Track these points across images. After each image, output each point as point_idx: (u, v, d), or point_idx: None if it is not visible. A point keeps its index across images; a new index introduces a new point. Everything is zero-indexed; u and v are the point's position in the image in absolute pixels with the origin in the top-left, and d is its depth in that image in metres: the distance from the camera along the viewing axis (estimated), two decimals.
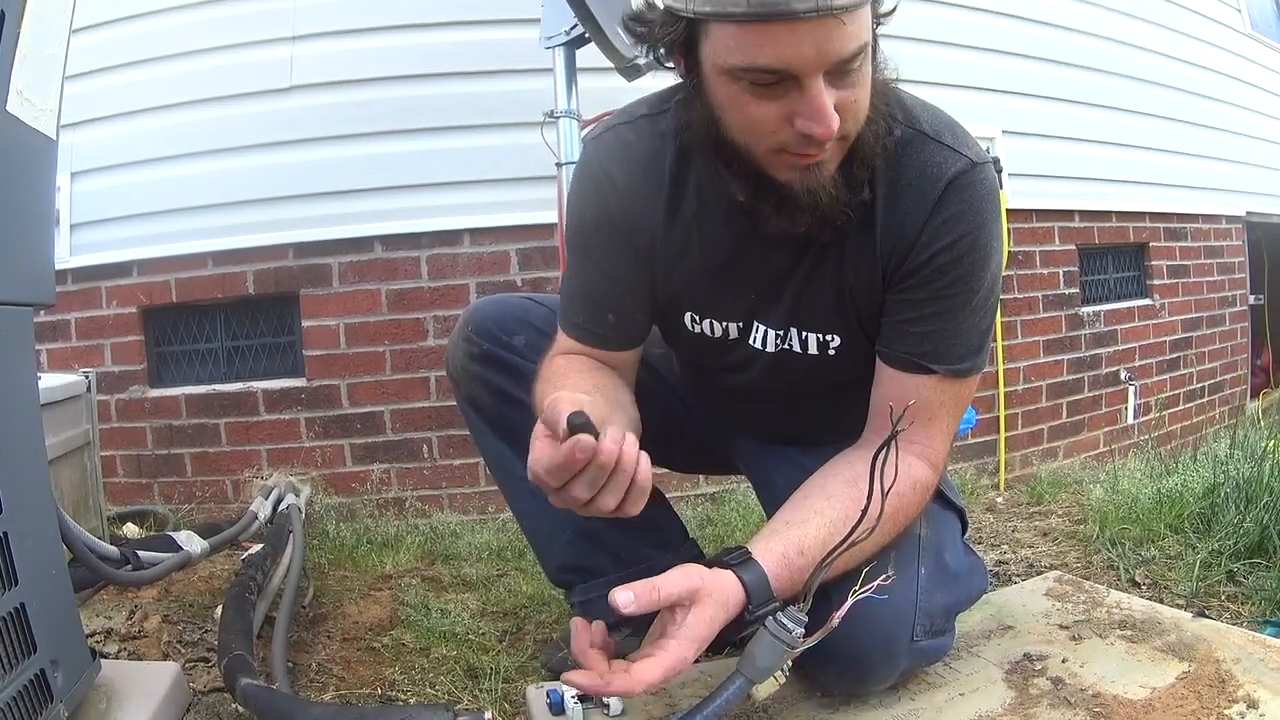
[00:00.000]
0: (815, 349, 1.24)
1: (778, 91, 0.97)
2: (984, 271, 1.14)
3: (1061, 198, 4.00)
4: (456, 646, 1.61)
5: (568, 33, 2.47)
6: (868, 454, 1.06)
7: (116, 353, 3.13)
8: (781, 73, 0.95)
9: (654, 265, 1.26)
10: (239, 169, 3.07)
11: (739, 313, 1.27)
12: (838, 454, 1.21)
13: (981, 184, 1.12)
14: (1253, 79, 5.24)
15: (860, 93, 1.01)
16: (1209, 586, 1.62)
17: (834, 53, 0.94)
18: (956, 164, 1.11)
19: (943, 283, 1.13)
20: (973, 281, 1.14)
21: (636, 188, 1.22)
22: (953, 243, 1.11)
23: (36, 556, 1.03)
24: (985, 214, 1.12)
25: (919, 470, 1.17)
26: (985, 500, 2.75)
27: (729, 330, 1.28)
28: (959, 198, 1.11)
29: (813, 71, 0.95)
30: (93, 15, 3.05)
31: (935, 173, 1.11)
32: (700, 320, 1.29)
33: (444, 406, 3.03)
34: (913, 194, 1.12)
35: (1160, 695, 1.14)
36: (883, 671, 1.18)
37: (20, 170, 1.05)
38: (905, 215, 1.13)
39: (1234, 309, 5.02)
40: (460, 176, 3.07)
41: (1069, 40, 4.06)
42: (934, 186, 1.11)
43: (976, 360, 1.19)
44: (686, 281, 1.26)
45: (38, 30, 1.04)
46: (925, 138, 1.12)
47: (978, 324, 1.17)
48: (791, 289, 1.22)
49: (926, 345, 1.16)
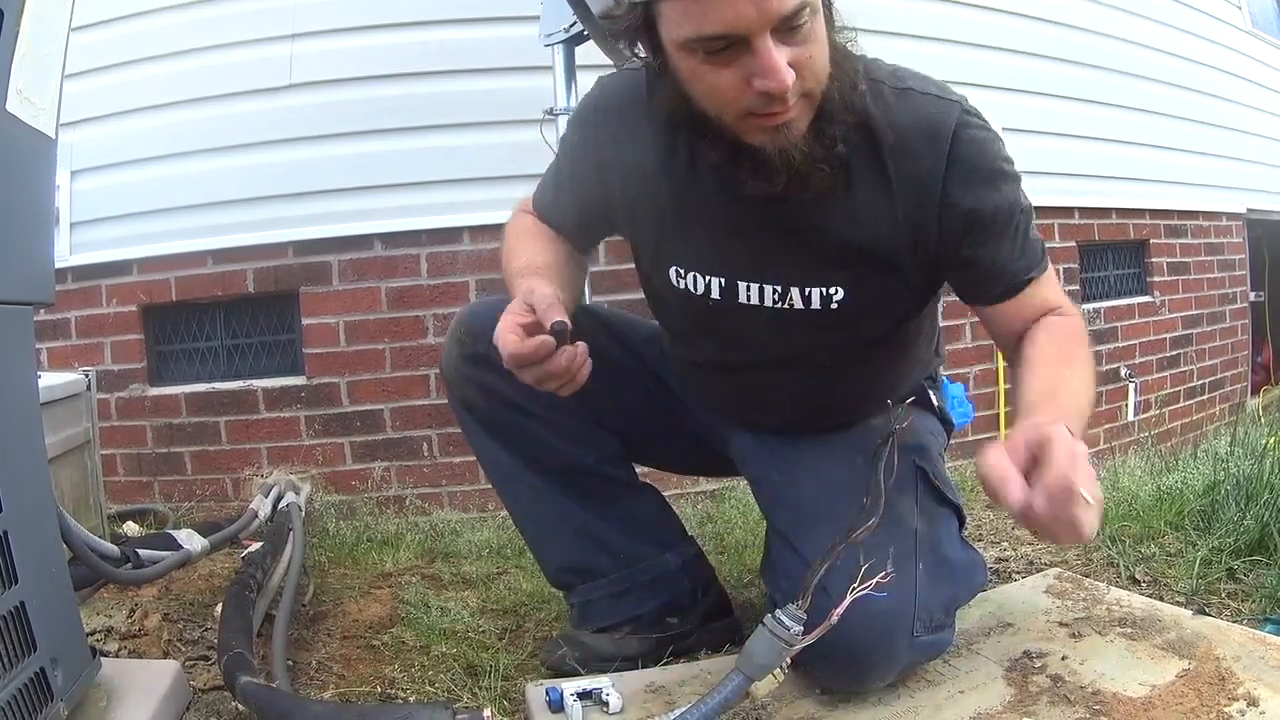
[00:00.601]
0: (818, 303, 1.25)
1: (731, 56, 1.02)
2: (1014, 188, 1.21)
3: (1061, 194, 4.00)
4: (456, 644, 1.61)
5: (567, 30, 2.47)
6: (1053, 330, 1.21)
7: (116, 351, 3.13)
8: (730, 37, 1.00)
9: (617, 202, 1.34)
10: (239, 167, 3.07)
11: (726, 267, 1.28)
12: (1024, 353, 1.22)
13: (978, 122, 1.18)
14: (1253, 76, 5.24)
15: (814, 49, 1.04)
16: (1209, 584, 1.62)
17: (774, 10, 0.98)
18: (953, 111, 1.17)
19: (999, 223, 1.20)
20: (1016, 205, 1.21)
21: (628, 129, 1.28)
22: (986, 188, 1.18)
23: (36, 555, 1.03)
24: (996, 146, 1.19)
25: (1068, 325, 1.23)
26: (985, 497, 2.74)
27: (712, 286, 1.29)
28: (969, 144, 1.16)
29: (758, 30, 0.99)
30: (93, 13, 3.06)
31: (937, 123, 1.16)
32: (685, 274, 1.31)
33: (444, 404, 2.98)
34: (919, 146, 1.16)
35: (1160, 693, 1.14)
36: (882, 667, 1.18)
37: (19, 169, 1.05)
38: (918, 167, 1.17)
39: (1234, 306, 5.02)
40: (460, 174, 3.07)
41: (1069, 37, 4.05)
42: (941, 136, 1.16)
43: (1043, 248, 1.27)
44: (672, 231, 1.30)
45: (37, 29, 1.03)
46: (914, 93, 1.18)
47: (1029, 221, 1.24)
48: (788, 243, 1.24)
49: (1018, 266, 1.22)
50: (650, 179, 1.27)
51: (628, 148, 1.28)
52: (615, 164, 1.31)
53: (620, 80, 1.33)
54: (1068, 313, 1.25)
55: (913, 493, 1.29)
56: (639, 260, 1.41)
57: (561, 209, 1.43)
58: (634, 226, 1.36)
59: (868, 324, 1.28)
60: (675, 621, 1.51)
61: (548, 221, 1.45)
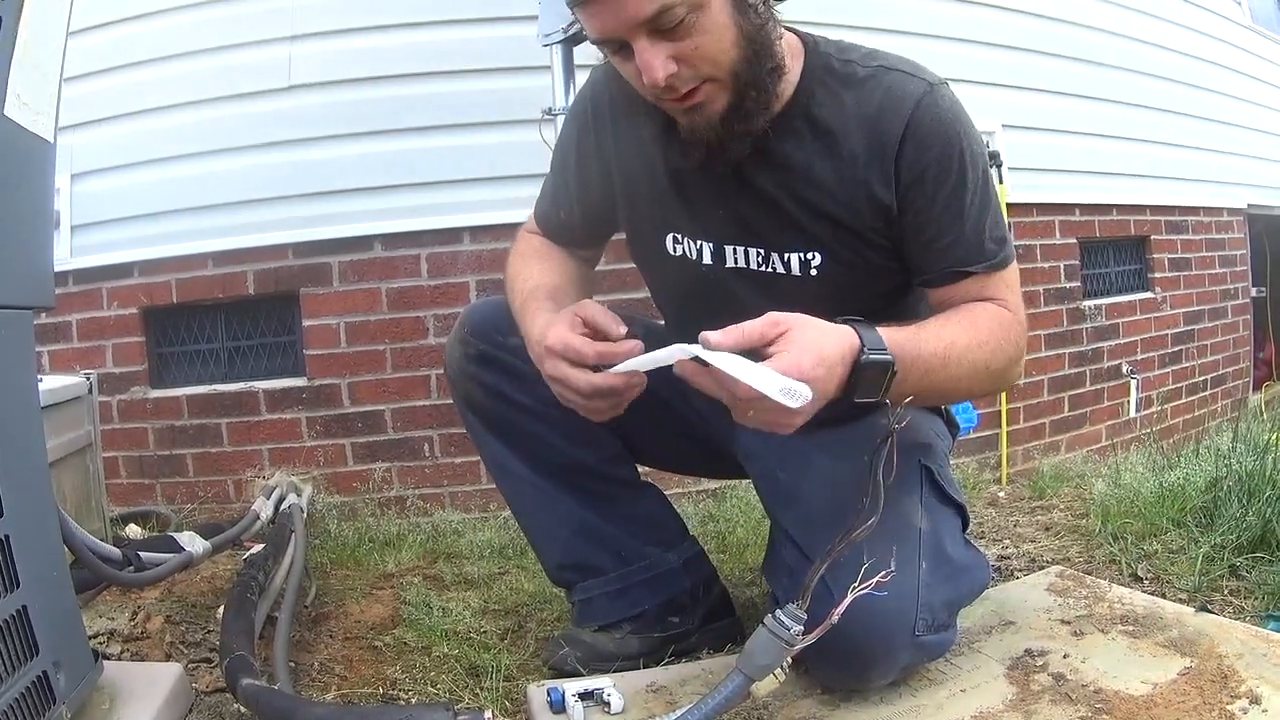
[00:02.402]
0: (798, 269, 1.28)
1: (627, 54, 1.11)
2: (973, 168, 1.22)
3: (1062, 191, 3.99)
4: (458, 645, 1.61)
5: (565, 30, 2.46)
6: (973, 307, 1.22)
7: (118, 354, 3.13)
8: (613, 40, 1.11)
9: (616, 188, 1.39)
10: (238, 169, 3.07)
11: (713, 233, 1.32)
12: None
13: (944, 99, 1.21)
14: (1253, 71, 5.23)
15: (700, 40, 1.09)
16: (1211, 581, 1.62)
17: (632, 16, 1.05)
18: (917, 86, 1.20)
19: (943, 193, 1.20)
20: (968, 180, 1.21)
21: (621, 112, 1.34)
22: (935, 157, 1.19)
23: (38, 559, 1.03)
24: (956, 120, 1.21)
25: (993, 308, 1.23)
26: (987, 494, 2.75)
27: (703, 251, 1.33)
28: (928, 115, 1.19)
29: (631, 34, 1.08)
30: (93, 16, 3.05)
31: (900, 94, 1.20)
32: (681, 240, 1.35)
33: (445, 405, 3.02)
34: (884, 116, 1.20)
35: (1162, 691, 1.14)
36: (884, 666, 1.18)
37: (18, 174, 1.05)
38: (882, 136, 1.20)
39: (1236, 302, 5.01)
40: (460, 175, 3.07)
41: (1069, 34, 4.05)
42: (903, 106, 1.19)
43: (1005, 250, 1.26)
44: (664, 200, 1.34)
45: (35, 34, 1.03)
46: (887, 70, 1.22)
47: (989, 216, 1.23)
48: (763, 209, 1.27)
49: (957, 251, 1.23)
50: (645, 153, 1.32)
51: (622, 128, 1.35)
52: (611, 145, 1.37)
53: (609, 68, 1.35)
54: (1008, 308, 1.24)
55: (918, 492, 1.29)
56: (635, 239, 1.44)
57: (564, 208, 1.45)
58: (632, 202, 1.39)
59: (852, 296, 1.27)
60: (676, 620, 1.51)
61: (551, 231, 1.48)
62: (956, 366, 1.16)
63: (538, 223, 1.50)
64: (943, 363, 1.14)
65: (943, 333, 1.16)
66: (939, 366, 1.14)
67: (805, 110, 1.23)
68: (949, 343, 1.15)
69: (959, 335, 1.17)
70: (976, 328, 1.19)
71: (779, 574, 1.31)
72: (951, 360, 1.15)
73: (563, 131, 1.48)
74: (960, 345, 1.16)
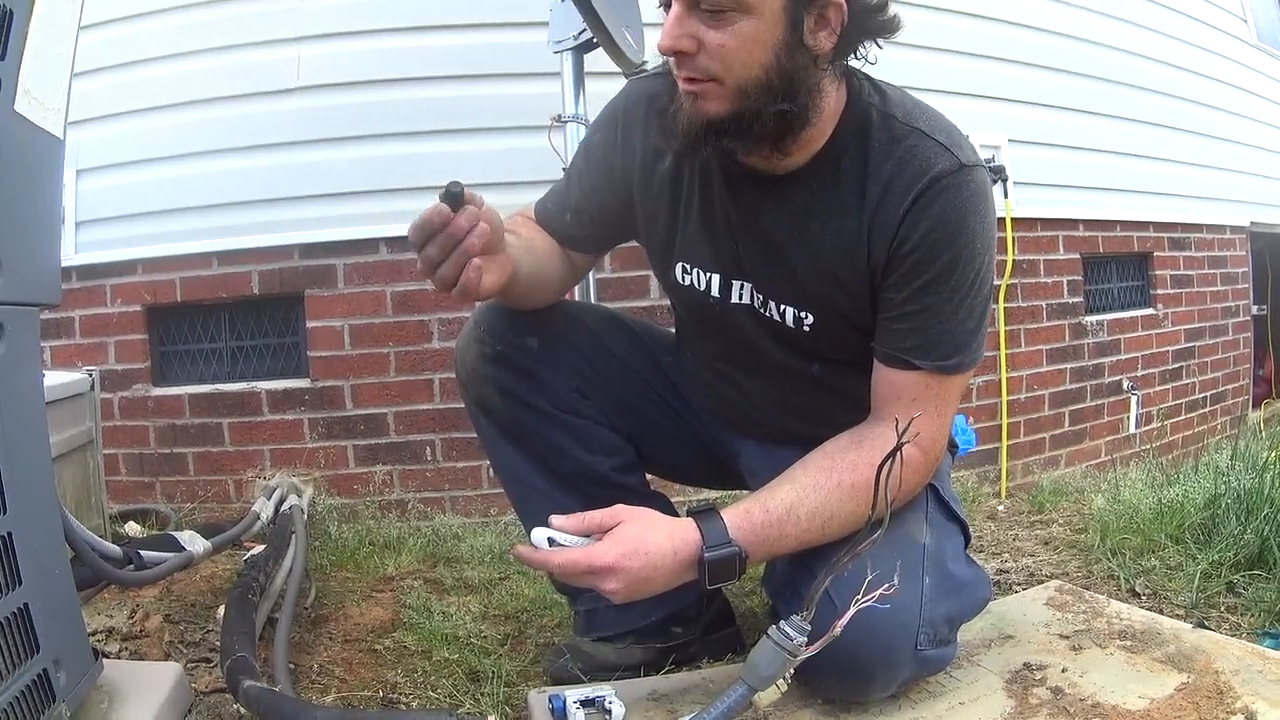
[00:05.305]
0: (791, 322, 1.28)
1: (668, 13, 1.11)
2: (964, 271, 1.16)
3: (1066, 206, 4.00)
4: (458, 650, 1.61)
5: (576, 37, 2.47)
6: (858, 434, 1.20)
7: (120, 351, 3.13)
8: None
9: (635, 204, 1.38)
10: (244, 169, 3.08)
11: (720, 265, 1.32)
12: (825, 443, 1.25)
13: (967, 185, 1.14)
14: (1259, 89, 5.24)
15: (729, 40, 1.08)
16: (1209, 597, 1.62)
17: None
18: (943, 161, 1.14)
19: (921, 281, 1.17)
20: (952, 280, 1.16)
21: (650, 129, 1.33)
22: (930, 241, 1.15)
23: (40, 557, 1.03)
24: (967, 215, 1.15)
25: (885, 434, 1.17)
26: (987, 508, 2.75)
27: (711, 282, 1.33)
28: (941, 197, 1.14)
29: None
30: (101, 13, 3.06)
31: (920, 167, 1.15)
32: (690, 270, 1.35)
33: (447, 409, 3.03)
34: (898, 186, 1.16)
35: (1159, 706, 1.14)
36: (885, 679, 1.18)
37: (27, 170, 1.05)
38: (890, 205, 1.16)
39: (1237, 319, 5.01)
40: (467, 179, 3.00)
41: (1076, 49, 4.06)
42: (917, 181, 1.15)
43: (964, 357, 1.21)
44: (683, 227, 1.34)
45: (46, 29, 1.04)
46: (920, 134, 1.17)
47: (963, 323, 1.19)
48: (773, 257, 1.27)
49: (909, 341, 1.19)
50: (667, 177, 1.32)
51: (649, 146, 1.34)
52: (636, 161, 1.36)
53: (645, 84, 1.37)
54: (919, 444, 1.17)
55: (923, 508, 1.29)
56: (651, 255, 1.44)
57: (569, 206, 1.44)
58: (650, 223, 1.39)
59: (844, 349, 1.30)
60: (679, 631, 1.51)
61: (544, 218, 1.47)
62: (825, 528, 1.19)
63: (538, 216, 1.49)
64: (809, 529, 1.18)
65: (803, 511, 1.17)
66: (808, 530, 1.18)
67: (835, 163, 1.21)
68: (817, 511, 1.18)
69: (833, 502, 1.18)
70: (856, 491, 1.17)
71: (782, 588, 1.31)
72: (816, 527, 1.18)
73: (589, 135, 1.47)
74: (810, 523, 1.18)
